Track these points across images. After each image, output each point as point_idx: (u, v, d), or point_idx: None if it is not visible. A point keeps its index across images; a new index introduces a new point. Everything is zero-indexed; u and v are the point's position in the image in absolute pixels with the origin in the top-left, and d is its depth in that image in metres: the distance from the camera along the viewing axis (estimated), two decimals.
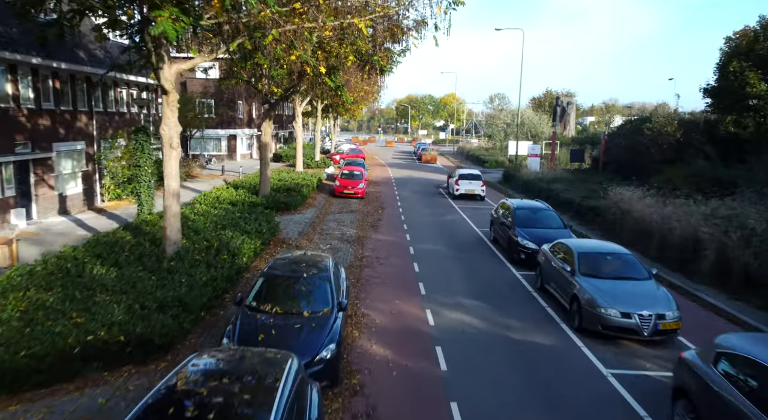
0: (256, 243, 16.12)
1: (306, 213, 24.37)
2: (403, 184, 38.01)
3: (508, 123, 62.99)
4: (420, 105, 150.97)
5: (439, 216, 25.30)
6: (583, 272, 11.53)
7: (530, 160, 38.18)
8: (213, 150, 50.75)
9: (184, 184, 31.64)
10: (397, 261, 17.01)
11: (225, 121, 50.05)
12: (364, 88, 46.86)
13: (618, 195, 20.69)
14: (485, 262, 17.08)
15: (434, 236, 20.85)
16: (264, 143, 24.62)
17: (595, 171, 37.61)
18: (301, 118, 35.78)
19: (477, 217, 25.10)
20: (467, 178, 29.89)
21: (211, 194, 23.78)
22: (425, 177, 43.30)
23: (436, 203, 29.25)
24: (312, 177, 32.38)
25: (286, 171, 34.50)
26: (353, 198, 29.64)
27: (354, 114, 64.89)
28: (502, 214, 18.80)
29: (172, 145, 13.28)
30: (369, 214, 25.08)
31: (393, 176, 42.92)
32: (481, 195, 29.81)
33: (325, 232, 20.75)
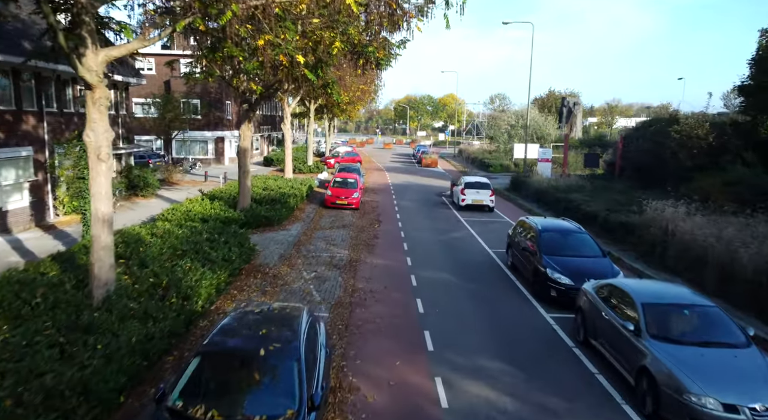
0: (220, 276, 12.93)
1: (291, 229, 21.17)
2: (403, 191, 34.82)
3: (512, 124, 59.86)
4: (419, 105, 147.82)
5: (444, 232, 22.11)
6: (653, 334, 8.33)
7: (541, 165, 35.07)
8: (199, 153, 47.55)
9: (158, 193, 28.47)
10: (397, 296, 13.82)
11: (212, 123, 46.89)
12: (361, 88, 43.83)
13: (657, 211, 17.52)
14: (505, 298, 13.87)
15: (440, 259, 17.66)
16: (243, 149, 21.42)
17: (610, 177, 34.47)
18: (290, 120, 32.60)
19: (488, 233, 21.91)
20: (474, 186, 26.71)
21: (182, 208, 20.59)
22: (426, 183, 40.12)
23: (440, 215, 26.06)
24: (302, 185, 29.19)
25: (274, 178, 31.31)
26: (347, 209, 26.45)
27: (350, 115, 61.74)
28: (522, 235, 15.62)
29: (100, 157, 10.08)
30: (364, 230, 21.90)
31: (391, 182, 39.74)
32: (489, 206, 26.63)
33: (312, 255, 17.56)
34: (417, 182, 40.56)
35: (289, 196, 24.78)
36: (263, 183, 28.23)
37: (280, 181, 29.42)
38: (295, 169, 42.43)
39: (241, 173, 21.44)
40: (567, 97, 66.68)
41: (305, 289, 13.98)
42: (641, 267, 16.65)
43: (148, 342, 8.94)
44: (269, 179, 30.37)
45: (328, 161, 48.72)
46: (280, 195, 24.74)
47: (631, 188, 28.44)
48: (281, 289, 13.89)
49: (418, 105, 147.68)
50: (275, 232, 20.48)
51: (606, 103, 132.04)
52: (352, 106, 51.41)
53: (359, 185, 27.84)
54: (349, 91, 42.97)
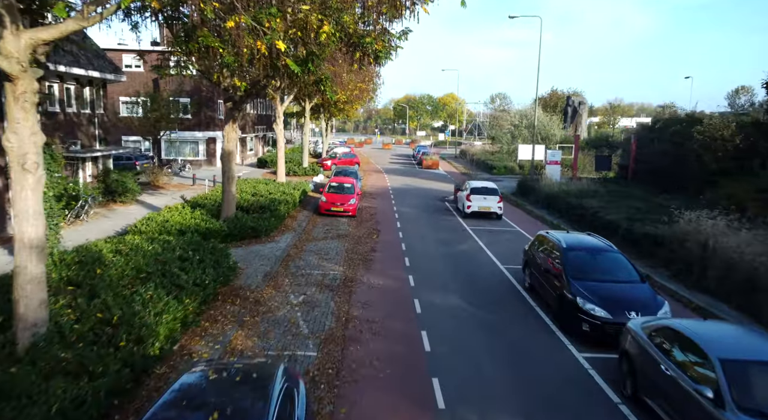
0: (189, 306, 10.85)
1: (280, 241, 19.10)
2: (403, 195, 32.75)
3: (516, 124, 57.82)
4: (418, 105, 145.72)
5: (449, 243, 20.04)
6: (744, 407, 6.24)
7: (549, 168, 33.02)
8: (189, 154, 45.45)
9: (140, 199, 26.38)
10: (398, 327, 11.76)
11: (203, 122, 44.80)
12: (359, 86, 41.76)
13: (693, 223, 15.46)
14: (527, 331, 11.79)
15: (446, 278, 15.59)
16: (227, 152, 19.33)
17: (623, 181, 32.48)
18: (284, 120, 30.52)
19: (497, 244, 19.85)
20: (481, 192, 24.63)
21: (159, 217, 18.52)
22: (427, 187, 38.04)
23: (444, 224, 23.98)
24: (294, 189, 27.13)
25: (265, 181, 29.24)
26: (342, 216, 24.38)
27: (348, 114, 59.65)
28: (542, 252, 13.57)
29: (25, 166, 8.00)
30: (361, 241, 19.83)
31: (391, 186, 37.66)
32: (497, 213, 24.56)
33: (301, 272, 15.49)
34: (418, 185, 38.50)
35: (279, 202, 22.71)
36: (253, 188, 26.16)
37: (272, 186, 27.36)
38: (290, 172, 40.38)
39: (225, 179, 19.35)
40: (572, 97, 64.65)
41: (291, 319, 11.92)
42: (676, 288, 14.60)
43: (75, 409, 6.87)
44: (260, 183, 28.31)
45: (324, 163, 46.66)
46: (270, 201, 22.68)
47: (648, 193, 26.42)
48: (262, 319, 11.82)
49: (417, 104, 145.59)
50: (262, 244, 18.40)
51: (608, 103, 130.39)
52: (349, 105, 49.39)
53: (356, 190, 25.78)
54: (346, 90, 40.96)
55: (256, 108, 57.48)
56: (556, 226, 23.16)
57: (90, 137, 24.42)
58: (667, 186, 27.33)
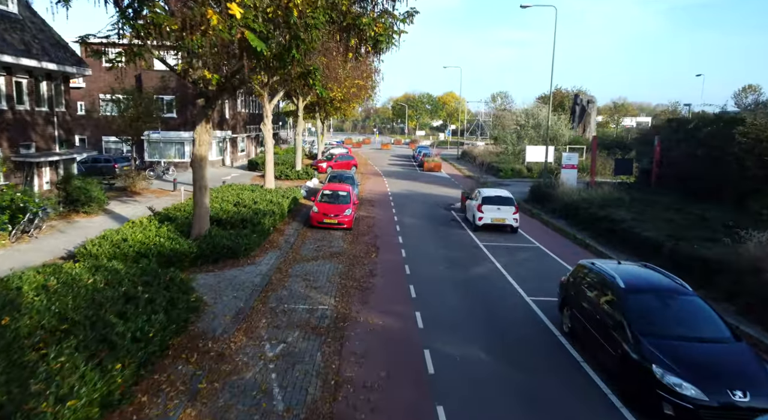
0: (117, 377, 7.85)
1: (262, 262, 16.13)
2: (404, 203, 29.77)
3: (522, 124, 54.86)
4: (418, 104, 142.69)
5: (461, 265, 17.07)
6: None
7: (565, 172, 30.08)
8: (175, 156, 42.42)
9: (109, 207, 23.39)
10: (406, 396, 8.80)
11: (190, 122, 41.72)
12: (356, 83, 38.82)
13: (763, 245, 12.52)
14: (579, 405, 8.82)
15: (462, 316, 12.62)
16: (198, 158, 16.33)
17: (646, 187, 29.55)
18: (280, 119, 27.53)
19: (518, 266, 16.90)
20: (494, 202, 21.62)
21: (117, 235, 15.52)
22: (430, 192, 35.03)
23: (452, 238, 20.99)
24: (284, 197, 24.15)
25: (251, 188, 26.25)
26: (337, 229, 21.42)
27: (346, 113, 56.66)
28: (587, 288, 10.62)
29: None
30: (357, 262, 16.88)
31: (390, 191, 34.67)
32: (513, 226, 21.58)
33: (283, 308, 12.53)
34: (420, 191, 35.50)
35: (264, 214, 19.73)
36: (236, 196, 23.16)
37: (258, 193, 24.37)
38: (281, 175, 37.41)
39: (197, 189, 16.35)
40: (579, 95, 61.71)
41: (262, 384, 8.95)
42: (752, 330, 11.66)
43: None
44: (245, 190, 25.31)
45: (319, 165, 43.65)
46: (254, 213, 19.71)
47: (680, 202, 23.51)
48: (224, 385, 8.86)
49: (417, 103, 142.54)
50: (240, 268, 15.43)
51: (612, 102, 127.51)
52: (346, 104, 46.43)
53: (353, 199, 22.78)
54: (342, 87, 38.07)
55: (248, 106, 54.49)
56: (584, 244, 20.22)
57: (48, 139, 21.38)
58: (700, 193, 24.43)
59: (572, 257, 18.02)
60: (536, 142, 53.36)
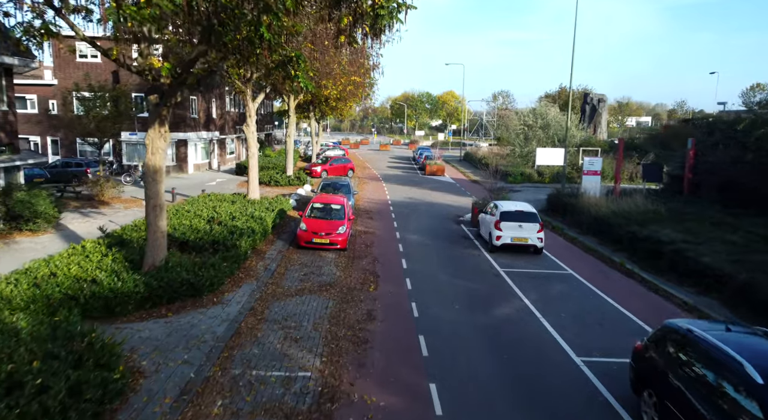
0: None
1: (230, 302, 12.79)
2: (407, 213, 26.42)
3: (530, 124, 51.51)
4: (417, 103, 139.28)
5: (482, 304, 13.71)
6: None
7: (587, 179, 26.77)
8: None
9: (63, 222, 20.04)
10: None
11: (172, 122, 38.27)
12: (353, 80, 35.52)
13: None
14: None
15: (494, 390, 9.28)
16: (152, 170, 12.98)
17: (677, 195, 26.22)
18: (273, 118, 24.18)
19: (553, 304, 13.56)
20: (514, 218, 18.27)
21: (45, 268, 12.14)
22: (436, 201, 31.66)
23: (467, 263, 17.63)
24: (268, 210, 20.84)
25: (232, 199, 22.91)
26: (329, 250, 18.11)
27: (342, 113, 53.32)
28: (686, 369, 7.29)
29: None
30: (351, 298, 13.55)
31: (391, 199, 31.31)
32: (537, 247, 18.25)
33: (249, 378, 9.19)
34: (423, 198, 32.14)
35: (241, 233, 16.40)
36: (211, 210, 19.81)
37: (239, 206, 21.04)
38: (270, 182, 34.05)
39: (149, 208, 12.98)
40: (590, 94, 58.42)
41: None
42: None
43: None
44: (224, 202, 21.98)
45: (314, 169, 40.31)
46: (229, 233, 16.39)
47: (726, 215, 20.22)
48: None
49: (416, 103, 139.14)
50: (202, 310, 12.10)
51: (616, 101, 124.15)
52: (343, 102, 43.13)
53: (347, 213, 19.43)
54: (337, 84, 34.78)
55: (239, 105, 51.13)
56: (625, 270, 16.88)
57: None
58: (747, 205, 21.15)
59: (619, 291, 14.70)
60: (545, 144, 50.10)
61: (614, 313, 13.12)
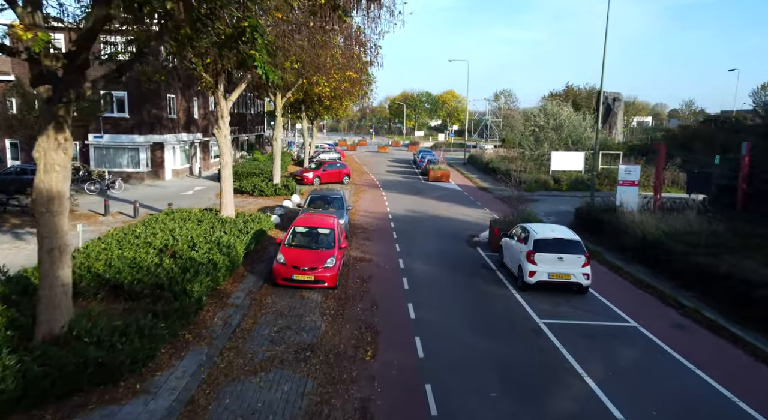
0: None
1: (160, 388, 8.70)
2: (411, 232, 22.33)
3: (541, 125, 47.48)
4: (416, 103, 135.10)
5: (528, 389, 9.62)
6: None
7: (623, 190, 22.71)
8: (128, 165, 34.88)
9: None
10: None
11: (146, 123, 34.27)
12: (348, 75, 31.46)
13: None
14: None
15: None
16: (45, 197, 8.85)
17: (728, 209, 22.15)
18: (229, 120, 20.03)
19: (632, 390, 9.41)
20: (553, 247, 14.11)
21: None
22: (443, 214, 27.53)
23: (494, 310, 13.49)
24: (241, 233, 16.84)
25: (199, 216, 18.86)
26: (314, 290, 14.04)
27: (338, 113, 49.23)
28: None
29: None
30: (339, 378, 9.50)
31: (391, 212, 27.21)
32: (583, 285, 14.16)
33: None
34: (429, 211, 28.03)
35: (196, 273, 12.35)
36: (168, 234, 15.72)
37: (205, 227, 17.00)
38: (254, 191, 29.98)
39: (44, 253, 8.84)
40: (606, 93, 54.33)
41: None
42: None
43: None
44: (189, 221, 17.93)
45: (305, 175, 36.19)
46: (181, 271, 12.34)
47: None
48: None
49: (415, 102, 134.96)
50: (111, 408, 8.02)
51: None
52: (337, 101, 39.06)
53: (339, 240, 15.29)
54: (330, 81, 30.78)
55: None
56: (706, 321, 12.74)
57: None
58: None
59: (716, 363, 10.59)
60: (557, 146, 46.12)
61: (729, 408, 9.00)
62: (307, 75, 28.06)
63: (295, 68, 20.46)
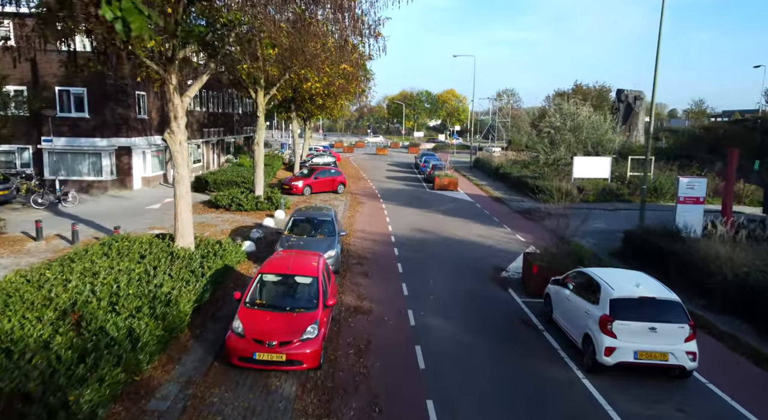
0: None
1: None
2: (420, 263, 17.74)
3: (556, 126, 42.93)
4: (416, 102, 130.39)
5: None
6: None
7: (685, 210, 18.21)
8: (89, 173, 30.24)
9: None
10: None
11: (110, 124, 29.64)
12: (342, 68, 26.99)
13: None
14: None
15: None
16: None
17: None
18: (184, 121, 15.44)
19: None
20: (641, 312, 9.44)
21: None
22: (457, 234, 22.87)
23: (552, 406, 9.01)
24: (195, 275, 12.34)
25: (145, 247, 14.27)
26: (286, 374, 9.46)
27: (333, 113, 44.61)
28: None
29: None
30: None
31: (394, 232, 22.58)
32: (687, 368, 9.59)
33: None
34: (439, 230, 23.39)
35: (100, 359, 7.78)
36: (88, 279, 11.14)
37: (146, 266, 12.44)
38: (232, 205, 25.37)
39: None
40: (624, 91, 49.82)
41: None
42: None
43: None
44: (125, 258, 13.36)
45: (294, 184, 31.60)
46: (80, 353, 7.82)
47: None
48: None
49: (414, 102, 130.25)
50: None
51: None
52: (332, 100, 34.55)
53: (323, 294, 10.68)
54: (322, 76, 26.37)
55: (206, 104, 42.40)
56: None
57: None
58: None
59: None
60: (575, 150, 41.62)
61: None
62: (294, 68, 23.59)
63: (272, 55, 15.91)
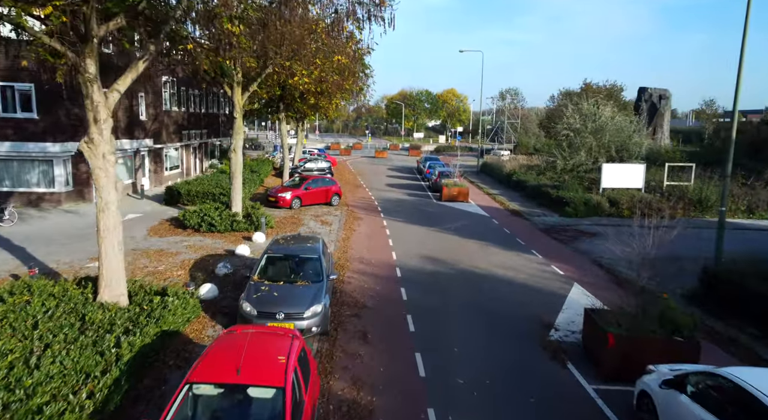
0: None
1: None
2: (436, 316, 13.37)
3: (576, 128, 38.67)
4: (415, 102, 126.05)
5: None
6: None
7: None
8: (39, 184, 25.77)
9: None
10: None
11: (63, 126, 25.18)
12: (337, 60, 22.76)
13: None
14: None
15: None
16: None
17: None
18: (108, 125, 11.06)
19: None
20: None
21: None
22: (479, 267, 18.45)
23: None
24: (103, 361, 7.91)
25: (53, 303, 9.84)
26: None
27: (327, 113, 40.20)
28: None
29: None
30: None
31: (399, 262, 18.17)
32: None
33: None
34: (455, 260, 18.98)
35: None
36: None
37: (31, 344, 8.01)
38: (202, 226, 20.95)
39: None
40: (648, 89, 45.55)
41: None
42: None
43: None
44: (19, 320, 8.93)
45: (281, 196, 27.19)
46: None
47: None
48: None
49: (414, 101, 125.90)
50: None
51: None
52: (326, 99, 30.21)
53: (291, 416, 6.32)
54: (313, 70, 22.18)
55: (186, 103, 37.96)
56: None
57: None
58: None
59: None
60: (597, 154, 37.42)
61: None
62: (277, 59, 19.29)
63: (237, 33, 11.57)
